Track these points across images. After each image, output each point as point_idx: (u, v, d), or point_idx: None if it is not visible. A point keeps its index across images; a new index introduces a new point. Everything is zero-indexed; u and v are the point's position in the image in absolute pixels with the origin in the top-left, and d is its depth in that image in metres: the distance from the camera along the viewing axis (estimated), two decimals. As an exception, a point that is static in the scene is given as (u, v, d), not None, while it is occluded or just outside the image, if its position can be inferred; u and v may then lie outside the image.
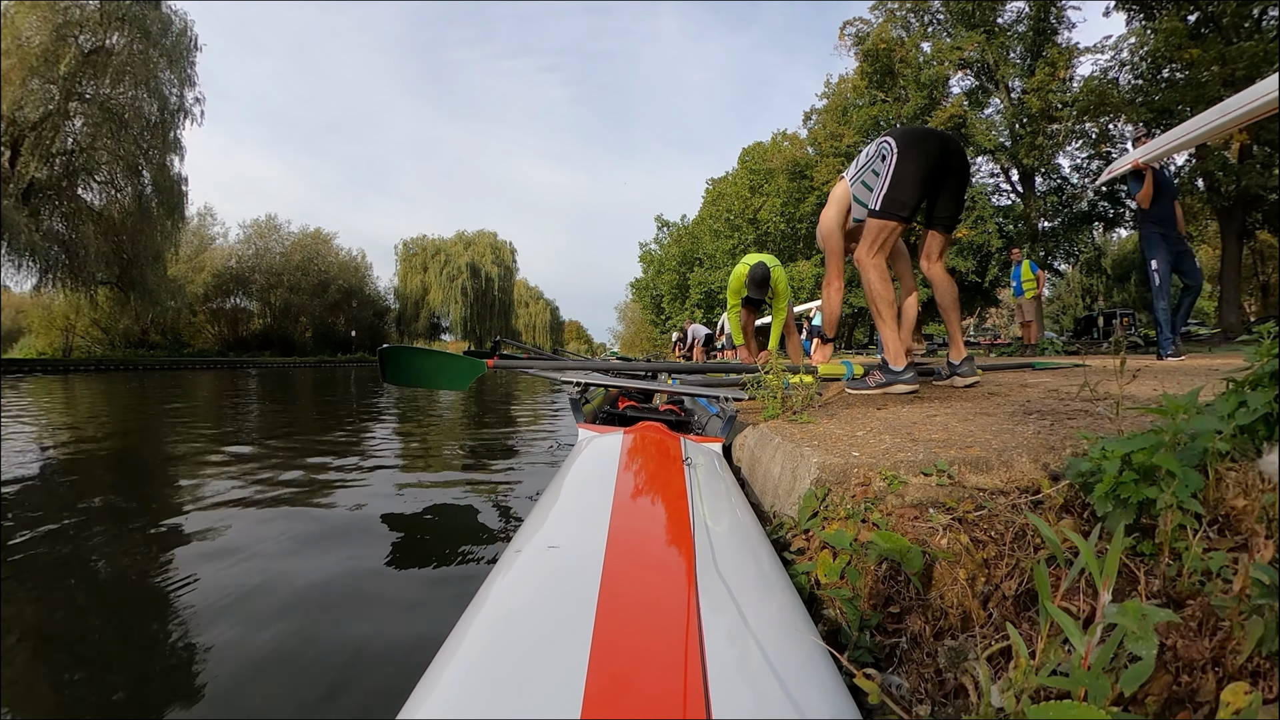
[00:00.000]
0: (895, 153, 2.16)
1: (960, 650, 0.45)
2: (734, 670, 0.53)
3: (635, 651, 0.55)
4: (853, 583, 0.78)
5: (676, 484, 1.11)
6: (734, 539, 0.91)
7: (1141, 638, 0.40)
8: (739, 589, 0.70)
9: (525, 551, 0.82)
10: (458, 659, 0.58)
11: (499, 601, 0.69)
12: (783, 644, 0.60)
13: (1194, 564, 0.69)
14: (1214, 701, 0.50)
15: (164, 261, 27.52)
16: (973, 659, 0.44)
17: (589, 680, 0.49)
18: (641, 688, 0.49)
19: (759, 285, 4.21)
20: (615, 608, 0.62)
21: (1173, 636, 0.53)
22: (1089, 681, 0.39)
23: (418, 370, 2.50)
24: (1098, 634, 0.40)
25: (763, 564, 0.83)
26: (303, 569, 1.57)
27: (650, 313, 41.45)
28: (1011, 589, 0.72)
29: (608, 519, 0.90)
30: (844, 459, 1.11)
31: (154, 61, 24.48)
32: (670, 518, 0.94)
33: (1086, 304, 39.03)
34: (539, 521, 0.98)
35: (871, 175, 2.33)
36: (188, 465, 3.11)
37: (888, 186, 2.16)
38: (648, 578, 0.72)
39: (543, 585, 0.73)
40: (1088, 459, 0.82)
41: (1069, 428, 1.27)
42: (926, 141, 2.17)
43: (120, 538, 1.88)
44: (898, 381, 2.21)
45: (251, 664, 1.10)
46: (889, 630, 0.74)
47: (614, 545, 0.78)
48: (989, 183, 20.54)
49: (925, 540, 0.80)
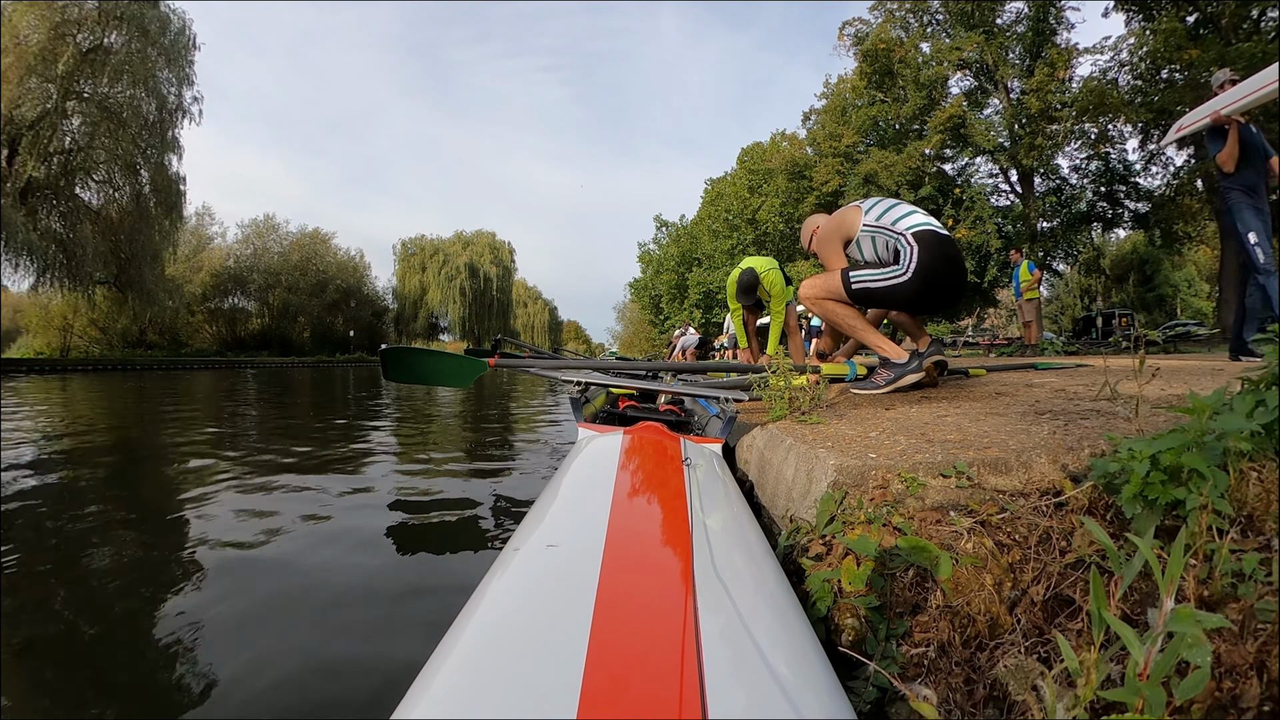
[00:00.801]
0: (907, 273, 2.12)
1: (1024, 668, 0.43)
2: (730, 670, 0.53)
3: (632, 651, 0.55)
4: (879, 590, 0.77)
5: (675, 484, 1.11)
6: (732, 539, 0.90)
7: (1196, 644, 0.38)
8: (736, 589, 0.70)
9: (524, 550, 0.82)
10: (454, 657, 0.57)
11: (496, 600, 0.69)
12: (779, 644, 0.60)
13: (1225, 566, 0.68)
14: (1258, 707, 0.49)
15: (162, 261, 27.48)
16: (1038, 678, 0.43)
17: (585, 679, 0.49)
18: (638, 687, 0.49)
19: (745, 292, 4.24)
20: (613, 607, 0.62)
21: (1215, 642, 0.52)
22: (1149, 691, 0.37)
23: (419, 369, 2.48)
24: (1159, 643, 0.39)
25: (760, 565, 0.83)
26: (300, 567, 1.56)
27: (649, 313, 41.44)
28: (1040, 594, 0.71)
29: (606, 518, 0.89)
30: (861, 460, 1.10)
31: (152, 60, 24.41)
32: (669, 518, 0.94)
33: (1085, 304, 39.09)
34: (538, 520, 0.98)
35: (880, 248, 2.28)
36: (185, 466, 3.09)
37: (877, 290, 2.16)
38: (645, 577, 0.72)
39: (540, 584, 0.72)
40: (1114, 459, 0.81)
41: (1083, 428, 1.26)
42: (941, 276, 2.15)
43: (119, 538, 1.86)
44: (906, 373, 2.21)
45: (248, 663, 1.09)
46: (915, 640, 0.73)
47: (612, 544, 0.78)
48: (988, 183, 20.55)
49: (951, 545, 0.79)
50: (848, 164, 20.68)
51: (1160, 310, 34.61)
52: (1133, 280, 34.95)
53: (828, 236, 2.43)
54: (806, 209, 21.96)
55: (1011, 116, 18.90)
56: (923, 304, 2.23)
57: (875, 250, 2.30)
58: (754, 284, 4.21)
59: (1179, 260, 31.38)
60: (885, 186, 18.91)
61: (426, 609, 1.30)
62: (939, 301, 2.24)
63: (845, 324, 2.33)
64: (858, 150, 20.97)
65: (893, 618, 0.75)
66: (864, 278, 2.22)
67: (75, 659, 1.14)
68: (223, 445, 3.76)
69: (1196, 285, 37.76)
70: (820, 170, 21.03)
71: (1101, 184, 19.02)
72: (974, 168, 20.98)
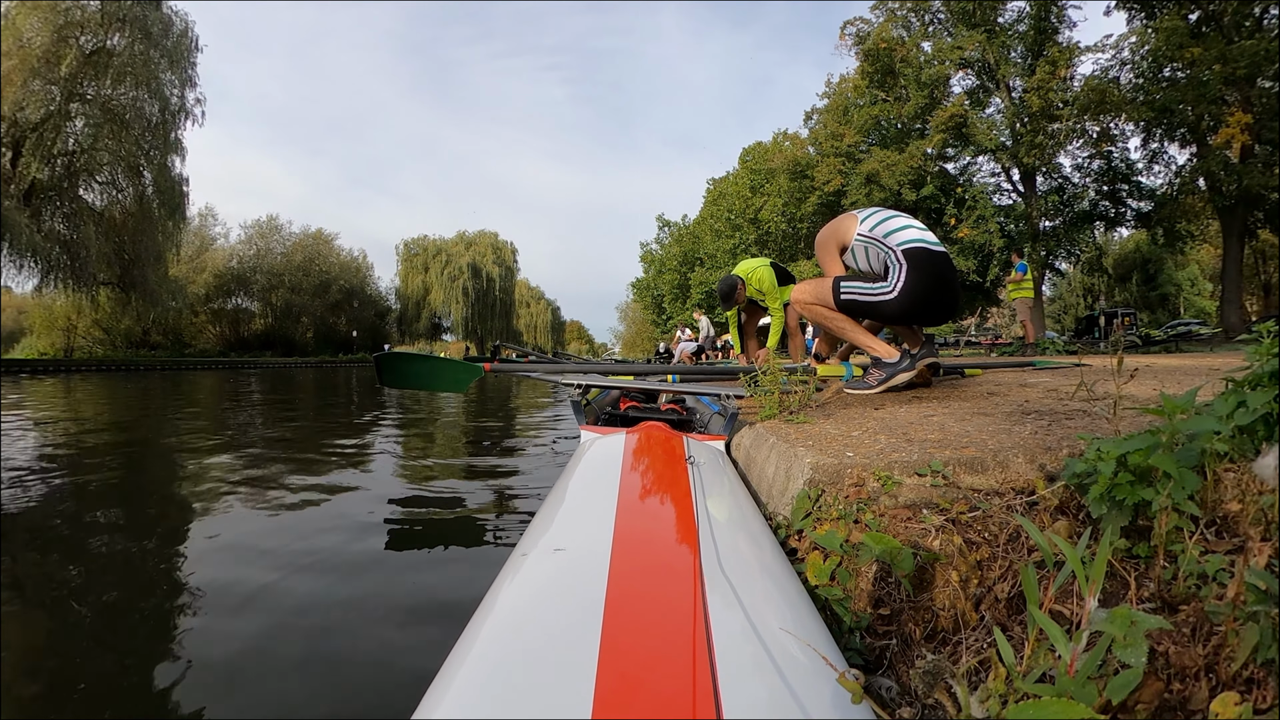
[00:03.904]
0: (894, 292, 2.12)
1: (935, 671, 0.43)
2: (743, 669, 0.53)
3: (644, 652, 0.55)
4: (843, 584, 0.77)
5: (680, 483, 1.10)
6: (739, 537, 0.90)
7: (1130, 645, 0.38)
8: (745, 587, 0.70)
9: (532, 555, 0.82)
10: (469, 662, 0.58)
11: (507, 604, 0.69)
12: (791, 641, 0.60)
13: (1189, 567, 0.67)
14: (1206, 710, 0.49)
15: (165, 262, 27.59)
16: (950, 677, 0.43)
17: (599, 681, 0.50)
18: (651, 688, 0.49)
19: (724, 299, 4.26)
20: (623, 608, 0.62)
21: (1165, 643, 0.52)
22: (1074, 689, 0.37)
23: (414, 374, 2.48)
24: (1084, 640, 0.39)
25: (769, 561, 0.83)
26: (310, 572, 1.56)
27: (651, 313, 41.47)
28: (1004, 591, 0.71)
29: (613, 520, 0.89)
30: (838, 459, 1.10)
31: (155, 62, 24.51)
32: (675, 517, 0.94)
33: (1088, 303, 38.99)
34: (544, 524, 0.98)
35: (872, 260, 2.28)
36: (189, 467, 3.11)
37: (863, 304, 2.16)
38: (654, 578, 0.72)
39: (550, 588, 0.73)
40: (1083, 460, 0.81)
41: (1067, 428, 1.25)
42: (928, 296, 2.13)
43: (121, 538, 1.87)
44: (898, 372, 2.20)
45: (258, 665, 1.10)
46: (879, 632, 0.73)
47: (620, 546, 0.78)
48: (990, 182, 20.51)
49: (918, 542, 0.79)
50: (850, 164, 20.66)
51: (1163, 309, 34.51)
52: (1135, 279, 34.86)
53: (824, 242, 2.46)
54: (808, 209, 21.95)
55: (1013, 115, 18.87)
56: (909, 322, 2.24)
57: (868, 261, 2.31)
58: (732, 290, 4.21)
59: (1182, 259, 31.27)
60: (887, 186, 18.89)
61: (436, 613, 1.30)
62: (926, 320, 2.24)
63: (835, 327, 2.33)
64: (859, 150, 20.95)
65: (857, 611, 0.75)
66: (853, 289, 2.22)
67: (76, 659, 1.14)
68: (226, 447, 3.77)
69: (1199, 284, 37.63)
70: (822, 170, 21.01)
71: (1104, 183, 18.97)
72: (976, 167, 20.95)
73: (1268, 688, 0.45)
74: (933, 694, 0.43)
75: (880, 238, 2.23)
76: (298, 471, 2.89)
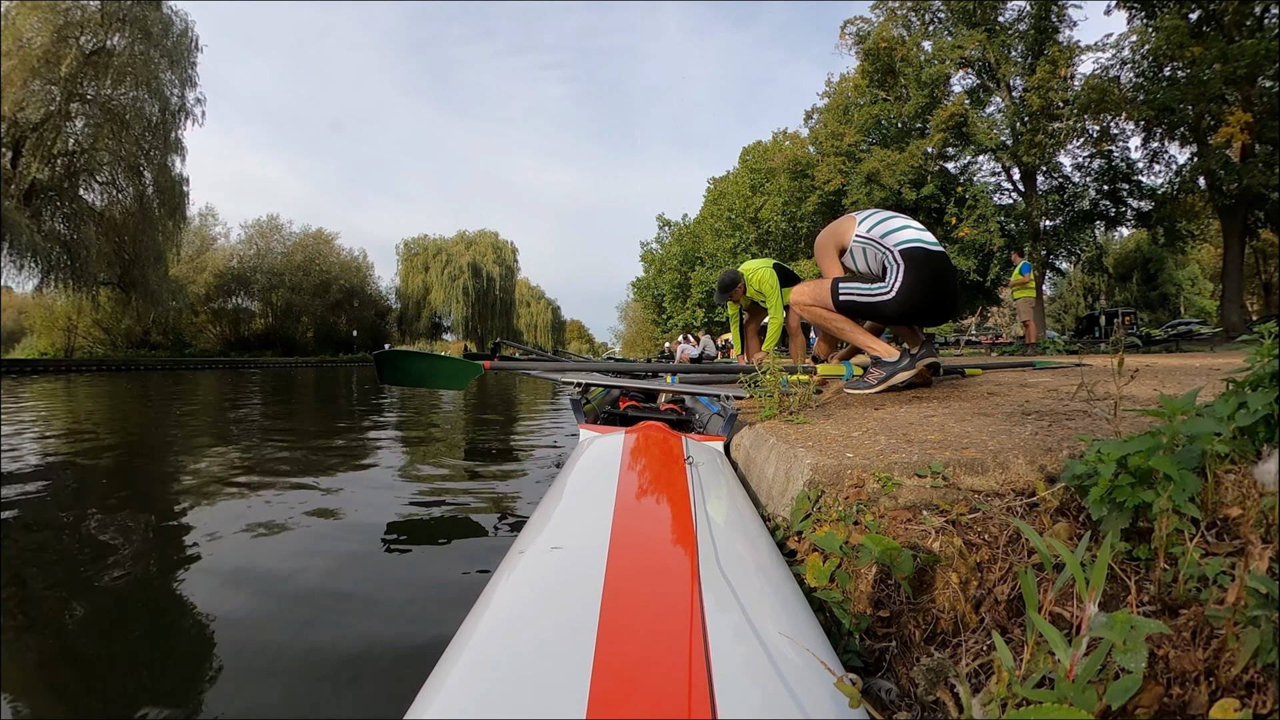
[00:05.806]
0: (891, 293, 2.12)
1: (938, 669, 0.43)
2: (739, 670, 0.53)
3: (639, 652, 0.55)
4: (843, 586, 0.77)
5: (679, 483, 1.10)
6: (737, 537, 0.90)
7: (1129, 650, 0.38)
8: (742, 588, 0.70)
9: (529, 553, 0.82)
10: (463, 660, 0.58)
11: (503, 603, 0.69)
12: (787, 643, 0.60)
13: (1190, 570, 0.67)
14: (1206, 715, 0.48)
15: (166, 262, 27.56)
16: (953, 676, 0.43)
17: (594, 680, 0.50)
18: (646, 688, 0.49)
19: (722, 291, 4.35)
20: (619, 608, 0.62)
21: (1165, 647, 0.52)
22: (1074, 694, 0.37)
23: (414, 372, 2.49)
24: (1083, 645, 0.39)
25: (766, 562, 0.83)
26: (306, 570, 1.57)
27: (652, 312, 41.45)
28: (1004, 593, 0.71)
29: (610, 519, 0.89)
30: (838, 460, 1.10)
31: (155, 62, 24.48)
32: (673, 517, 0.94)
33: (1088, 303, 38.96)
34: (542, 522, 0.98)
35: (871, 261, 2.27)
36: (189, 466, 3.11)
37: (862, 305, 2.17)
38: (651, 578, 0.72)
39: (546, 586, 0.73)
40: (1083, 461, 0.81)
41: (1067, 429, 1.25)
42: (926, 297, 2.14)
43: (121, 538, 1.87)
44: (898, 371, 2.20)
45: (256, 664, 1.09)
46: (879, 634, 0.73)
47: (617, 545, 0.78)
48: (990, 182, 20.49)
49: (917, 543, 0.79)
50: (850, 163, 20.64)
51: (1164, 309, 34.48)
52: (1136, 279, 34.84)
53: (823, 245, 2.46)
54: (809, 208, 21.93)
55: (1013, 114, 18.85)
56: (908, 322, 2.25)
57: (867, 262, 2.31)
58: (732, 284, 4.26)
59: (1182, 259, 31.26)
60: (888, 185, 18.88)
61: (433, 612, 1.30)
62: (925, 320, 2.24)
63: (834, 327, 2.33)
64: (860, 149, 20.93)
65: (856, 613, 0.75)
66: (851, 290, 2.22)
67: (77, 658, 1.14)
68: (226, 446, 3.77)
69: (1200, 284, 37.60)
70: (822, 169, 20.99)
71: (1104, 182, 18.95)
72: (976, 166, 20.93)
73: (1268, 692, 0.45)
74: (934, 692, 0.42)
75: (878, 239, 2.23)
76: (297, 471, 2.88)
